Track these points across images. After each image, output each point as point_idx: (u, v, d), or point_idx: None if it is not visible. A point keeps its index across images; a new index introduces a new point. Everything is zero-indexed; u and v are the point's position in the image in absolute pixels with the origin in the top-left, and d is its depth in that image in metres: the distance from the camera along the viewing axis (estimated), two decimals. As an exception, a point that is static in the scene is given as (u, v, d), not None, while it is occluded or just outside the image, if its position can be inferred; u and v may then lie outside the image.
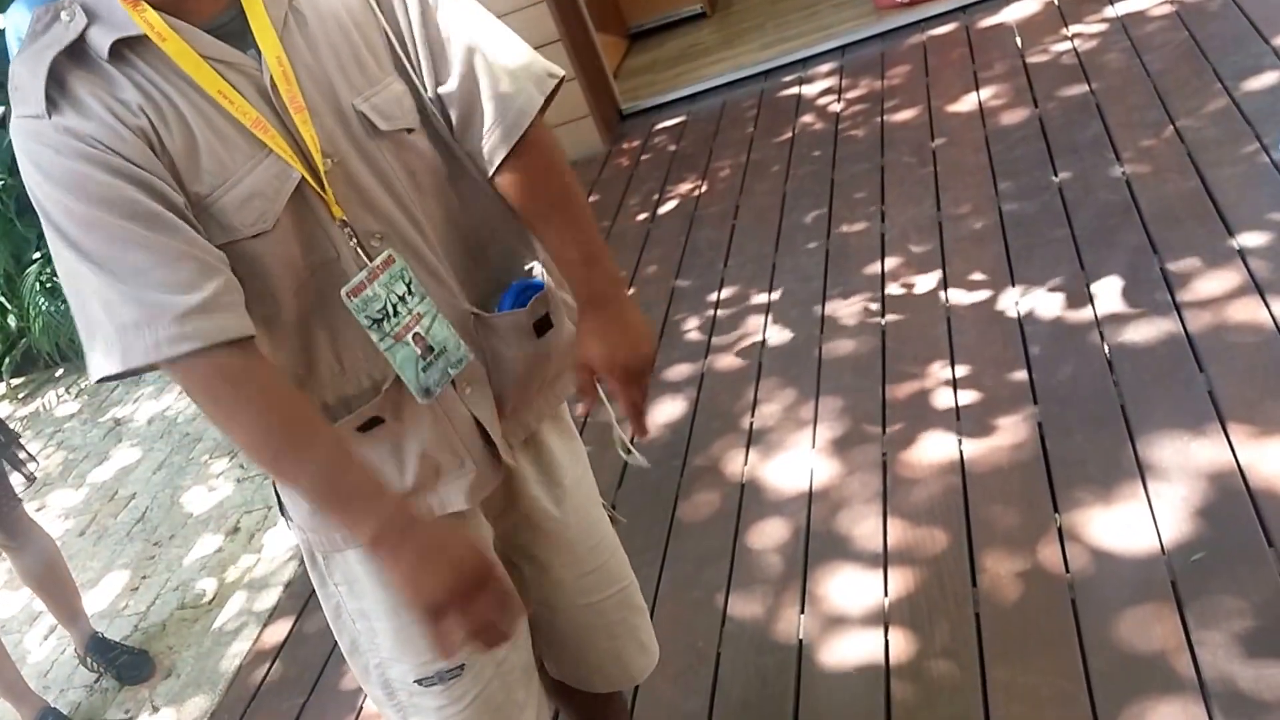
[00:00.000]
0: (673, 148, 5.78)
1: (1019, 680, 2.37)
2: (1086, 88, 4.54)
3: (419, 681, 1.82)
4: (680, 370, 3.91)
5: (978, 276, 3.69)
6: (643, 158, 5.84)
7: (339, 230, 1.58)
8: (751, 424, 3.50)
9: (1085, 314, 3.30)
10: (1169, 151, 3.89)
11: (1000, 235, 3.85)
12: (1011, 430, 3.01)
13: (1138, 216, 3.62)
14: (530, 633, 2.00)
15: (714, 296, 4.27)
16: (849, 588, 2.78)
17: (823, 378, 3.55)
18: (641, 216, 5.17)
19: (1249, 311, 3.04)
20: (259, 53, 1.53)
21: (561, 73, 1.70)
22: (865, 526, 2.93)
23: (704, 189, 5.16)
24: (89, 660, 3.71)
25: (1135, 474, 2.73)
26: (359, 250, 1.59)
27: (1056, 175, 4.05)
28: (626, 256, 4.84)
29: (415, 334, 1.62)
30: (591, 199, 5.59)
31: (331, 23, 1.61)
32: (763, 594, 2.87)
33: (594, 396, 1.73)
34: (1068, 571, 2.56)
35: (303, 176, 1.53)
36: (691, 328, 4.13)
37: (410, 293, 1.61)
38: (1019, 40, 5.20)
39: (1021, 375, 3.18)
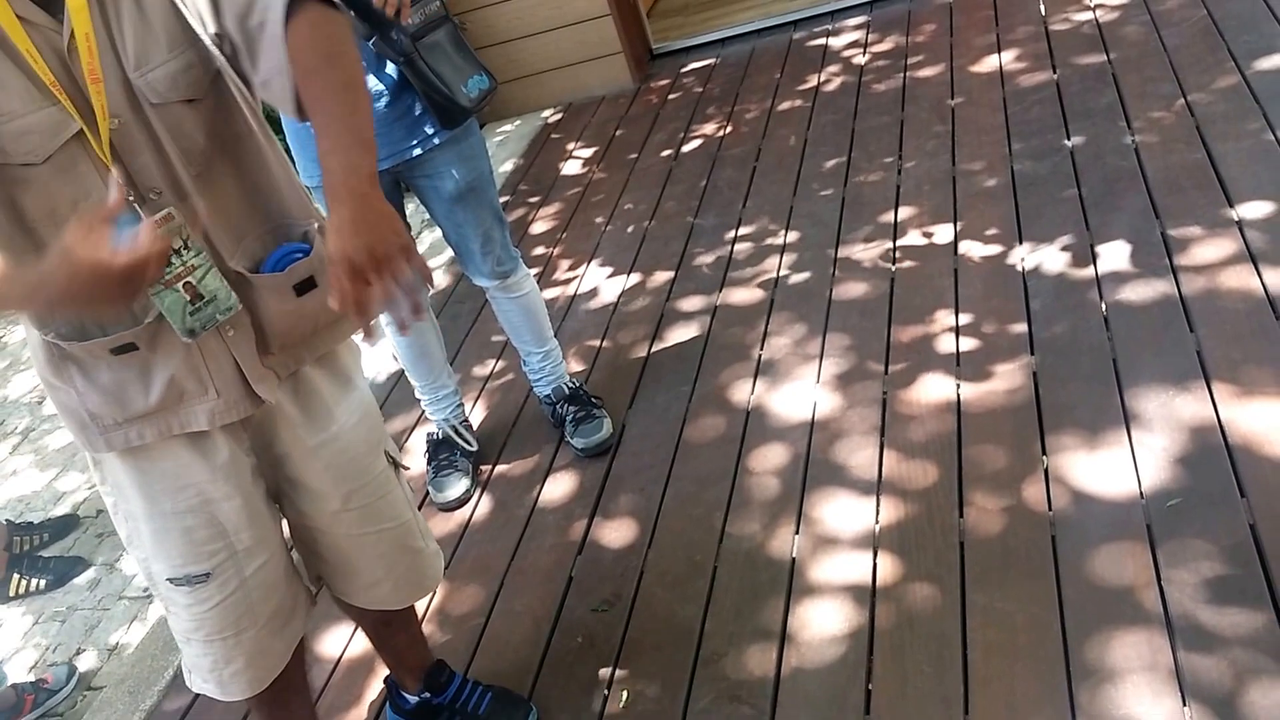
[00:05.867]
0: (700, 89, 5.80)
1: (996, 606, 2.44)
2: (1104, 57, 4.56)
3: (170, 580, 1.99)
4: (694, 302, 3.97)
5: (987, 231, 3.74)
6: (670, 97, 5.86)
7: (115, 183, 1.68)
8: (760, 355, 3.56)
9: (1087, 272, 3.35)
10: (1178, 123, 3.93)
11: (1011, 193, 3.90)
12: (1008, 377, 3.08)
13: (1144, 183, 3.67)
14: (306, 553, 2.20)
15: (731, 234, 4.31)
16: (842, 513, 2.85)
17: (831, 316, 3.61)
18: (666, 154, 5.21)
19: (1241, 279, 3.10)
20: (64, 19, 1.62)
21: None
22: (862, 457, 3.00)
23: (728, 131, 5.19)
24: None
25: (1121, 423, 2.79)
26: (138, 204, 1.71)
27: (1069, 139, 4.09)
28: (649, 192, 4.89)
29: (186, 283, 1.73)
30: (618, 134, 5.63)
31: None
32: (760, 514, 2.94)
33: (350, 294, 1.55)
34: (1050, 509, 2.63)
35: (82, 129, 1.64)
36: (708, 262, 4.18)
37: (186, 247, 1.72)
38: (1043, 7, 5.21)
39: (1021, 327, 3.24)
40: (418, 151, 2.86)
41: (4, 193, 1.67)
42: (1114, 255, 3.38)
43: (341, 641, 3.02)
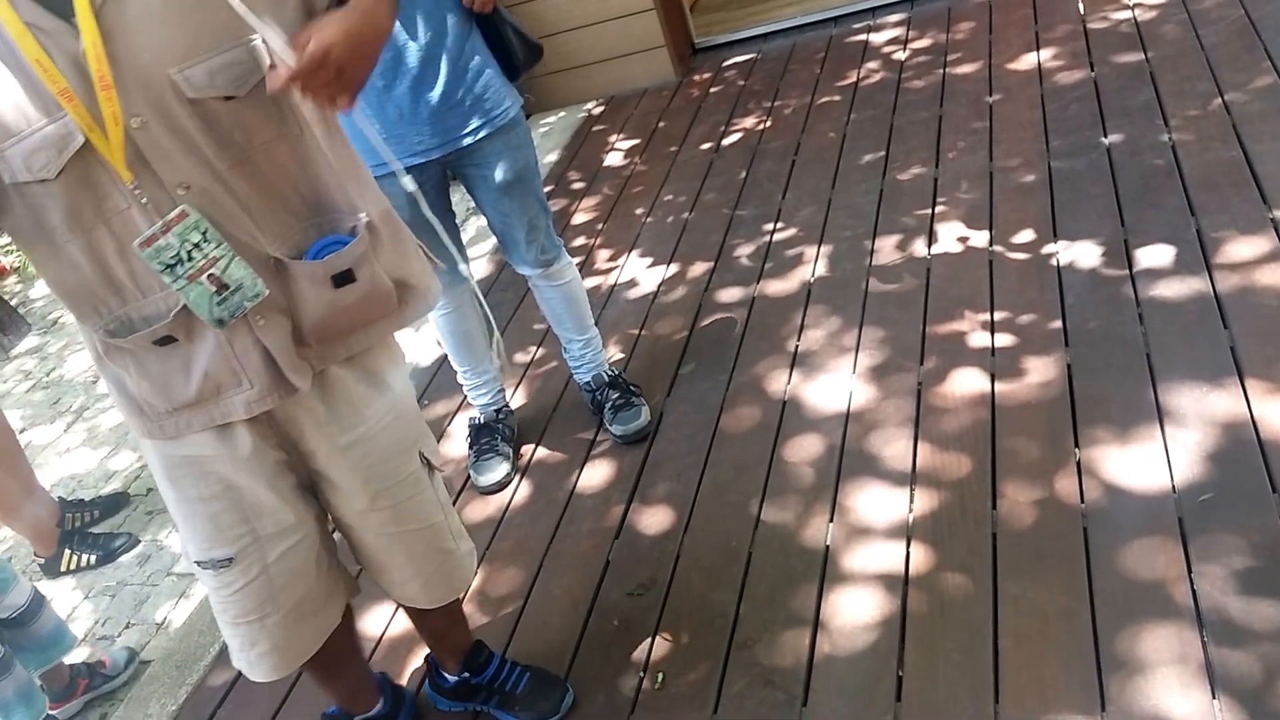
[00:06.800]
0: (741, 83, 5.79)
1: (1028, 595, 2.43)
2: (1142, 56, 4.52)
3: (198, 563, 2.03)
4: (733, 293, 3.96)
5: (1023, 227, 3.71)
6: (712, 90, 5.84)
7: (128, 188, 1.67)
8: (797, 347, 3.55)
9: (1121, 268, 3.32)
10: (1215, 122, 3.88)
11: (1048, 189, 3.86)
12: (1041, 370, 3.05)
13: (1179, 181, 3.63)
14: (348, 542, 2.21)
15: (770, 226, 4.30)
16: (876, 502, 2.84)
17: (867, 309, 3.60)
18: (706, 146, 5.20)
19: (1276, 277, 3.06)
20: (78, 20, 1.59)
21: None
22: (896, 448, 2.99)
23: (768, 124, 5.18)
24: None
25: (1154, 418, 2.77)
26: (153, 206, 1.69)
27: (1106, 136, 4.05)
28: (689, 183, 4.88)
29: (210, 275, 1.73)
30: (660, 127, 5.62)
31: None
32: (795, 502, 2.94)
33: (303, 69, 1.64)
34: (1082, 502, 2.61)
35: (88, 140, 1.61)
36: (746, 254, 4.17)
37: (206, 239, 1.72)
38: (1081, 6, 5.16)
39: (1056, 321, 3.21)
40: (468, 141, 2.87)
41: (26, 209, 1.68)
42: (1149, 252, 3.35)
43: (383, 620, 3.04)
